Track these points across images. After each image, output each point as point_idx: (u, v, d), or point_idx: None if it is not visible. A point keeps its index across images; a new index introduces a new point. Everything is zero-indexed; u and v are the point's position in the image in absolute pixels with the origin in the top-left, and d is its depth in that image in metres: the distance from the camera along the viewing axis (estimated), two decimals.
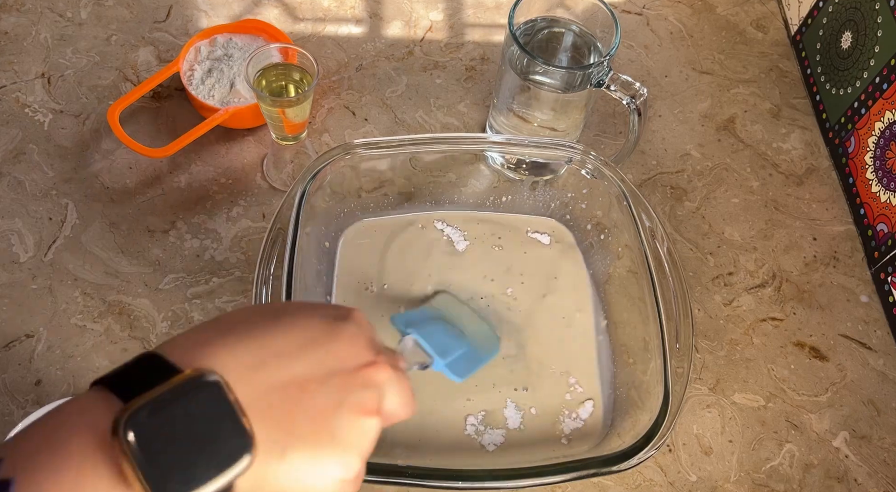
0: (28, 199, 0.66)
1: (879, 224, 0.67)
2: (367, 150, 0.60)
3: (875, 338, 0.65)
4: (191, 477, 0.29)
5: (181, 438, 0.29)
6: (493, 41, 0.80)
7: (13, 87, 0.72)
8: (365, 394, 0.35)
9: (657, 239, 0.58)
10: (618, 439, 0.54)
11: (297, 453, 0.32)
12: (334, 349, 0.35)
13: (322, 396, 0.33)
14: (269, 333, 0.34)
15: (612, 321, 0.62)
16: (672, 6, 0.84)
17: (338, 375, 0.34)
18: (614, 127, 0.75)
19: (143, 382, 0.30)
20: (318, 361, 0.34)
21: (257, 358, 0.32)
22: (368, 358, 0.36)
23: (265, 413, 0.31)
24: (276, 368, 0.32)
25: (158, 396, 0.29)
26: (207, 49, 0.71)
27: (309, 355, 0.34)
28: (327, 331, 0.35)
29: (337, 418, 0.33)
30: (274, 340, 0.33)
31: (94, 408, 0.29)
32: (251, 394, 0.31)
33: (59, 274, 0.63)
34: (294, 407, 0.32)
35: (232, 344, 0.32)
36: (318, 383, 0.33)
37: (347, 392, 0.34)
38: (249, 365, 0.32)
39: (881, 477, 0.59)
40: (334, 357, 0.34)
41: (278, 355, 0.33)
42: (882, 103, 0.67)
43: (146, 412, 0.28)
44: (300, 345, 0.34)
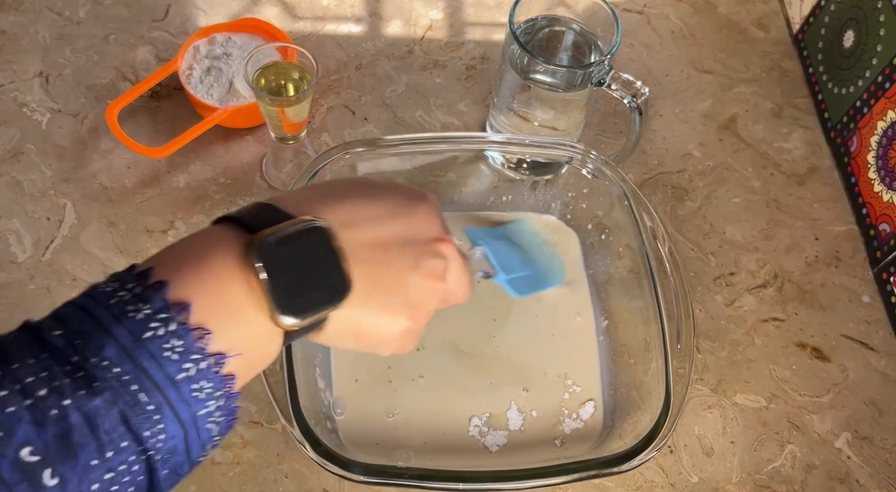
0: (26, 198, 0.66)
1: (882, 224, 0.67)
2: (367, 149, 0.60)
3: (877, 338, 0.65)
4: (303, 303, 0.34)
5: (298, 269, 0.34)
6: (493, 40, 0.80)
7: (11, 87, 0.71)
8: (434, 262, 0.40)
9: (658, 239, 0.58)
10: (619, 440, 0.54)
11: (377, 301, 0.38)
12: (413, 221, 0.40)
13: (400, 258, 0.39)
14: (362, 200, 0.39)
15: (613, 322, 0.61)
16: (673, 5, 0.84)
17: (414, 243, 0.40)
18: (615, 126, 0.75)
19: (264, 222, 0.35)
20: (399, 229, 0.39)
21: (351, 218, 0.38)
22: (440, 233, 0.41)
23: (358, 264, 0.37)
24: (365, 229, 0.38)
25: (281, 230, 0.34)
26: (206, 48, 0.71)
27: (392, 223, 0.39)
28: (408, 205, 0.41)
29: (410, 277, 0.39)
30: (365, 207, 0.39)
31: (227, 235, 0.34)
32: (346, 245, 0.36)
33: (58, 274, 0.62)
34: (378, 264, 0.38)
35: (332, 204, 0.38)
36: (398, 247, 0.39)
37: (420, 258, 0.40)
38: (345, 223, 0.37)
39: (883, 478, 0.59)
40: (412, 228, 0.40)
41: (368, 219, 0.38)
42: (884, 102, 0.66)
43: (272, 242, 0.34)
44: (385, 213, 0.39)
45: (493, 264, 0.55)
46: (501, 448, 0.57)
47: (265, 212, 0.36)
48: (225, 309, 0.33)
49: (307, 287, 0.35)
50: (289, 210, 0.36)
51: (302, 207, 0.37)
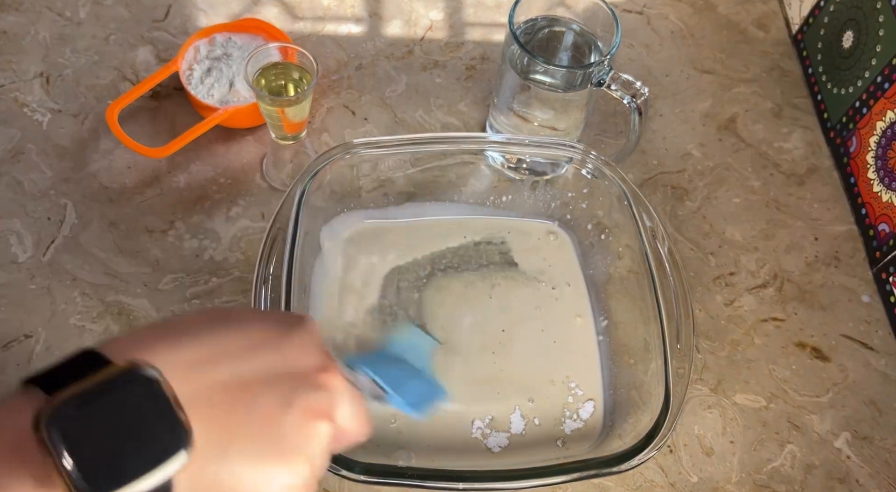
0: (26, 199, 0.66)
1: (881, 224, 0.67)
2: (367, 149, 0.60)
3: (877, 338, 0.65)
4: (121, 472, 0.27)
5: (111, 432, 0.27)
6: (493, 40, 0.80)
7: (12, 87, 0.71)
8: (316, 395, 0.33)
9: (658, 239, 0.58)
10: (619, 439, 0.54)
11: (239, 455, 0.30)
12: (283, 352, 0.33)
13: (268, 396, 0.32)
14: (216, 334, 0.32)
15: (613, 322, 0.61)
16: (673, 5, 0.84)
17: (286, 376, 0.33)
18: (615, 126, 0.75)
19: (73, 377, 0.28)
20: (264, 363, 0.33)
21: (200, 356, 0.31)
22: (320, 362, 0.34)
23: (205, 411, 0.30)
24: (220, 366, 0.31)
25: (87, 388, 0.27)
26: (206, 48, 0.71)
27: (256, 356, 0.33)
28: (277, 334, 0.34)
29: (283, 419, 0.32)
30: (220, 341, 0.32)
31: (18, 406, 0.28)
32: (191, 391, 0.30)
33: (58, 274, 0.62)
34: (237, 407, 0.31)
35: (174, 341, 0.31)
36: (264, 384, 0.32)
37: (296, 393, 0.32)
38: (191, 362, 0.31)
39: (883, 478, 0.59)
40: (283, 359, 0.33)
41: (223, 355, 0.32)
42: (884, 103, 0.67)
43: (72, 405, 0.27)
44: (247, 346, 0.33)
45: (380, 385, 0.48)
46: (502, 449, 0.57)
47: (79, 365, 0.29)
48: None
49: (126, 451, 0.27)
50: (111, 357, 0.29)
51: (132, 350, 0.30)
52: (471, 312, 0.61)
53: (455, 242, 0.65)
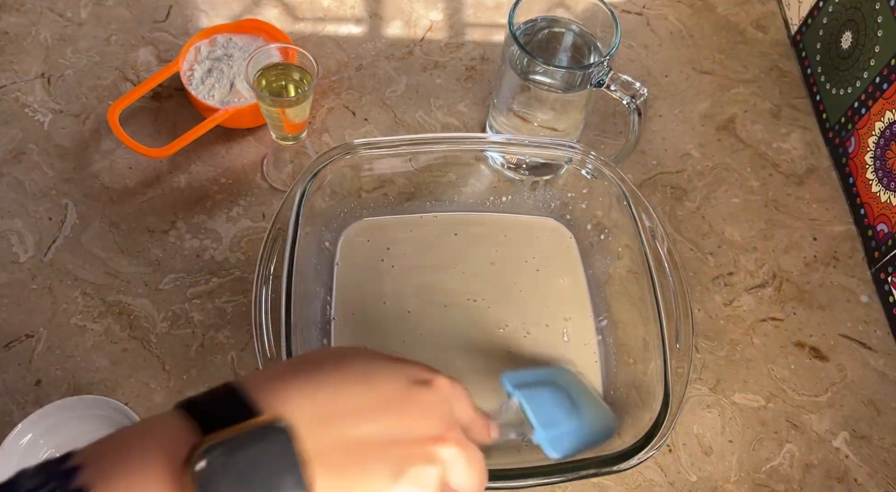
0: (28, 199, 0.66)
1: (880, 224, 0.67)
2: (367, 150, 0.60)
3: (875, 338, 0.65)
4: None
5: (245, 478, 0.30)
6: (493, 41, 0.80)
7: (13, 87, 0.72)
8: (425, 469, 0.34)
9: (657, 239, 0.58)
10: (618, 438, 0.54)
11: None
12: (408, 415, 0.35)
13: (383, 461, 0.33)
14: (346, 387, 0.34)
15: (613, 321, 0.62)
16: (672, 6, 0.84)
17: (403, 444, 0.34)
18: (615, 127, 0.75)
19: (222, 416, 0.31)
20: (387, 426, 0.34)
21: (330, 411, 0.33)
22: (438, 432, 0.36)
23: (326, 468, 0.32)
24: (345, 425, 0.33)
25: (233, 436, 0.30)
26: (207, 49, 0.71)
27: (380, 418, 0.34)
28: (404, 396, 0.35)
29: (393, 485, 0.33)
30: (350, 396, 0.34)
31: (174, 433, 0.31)
32: (317, 447, 0.32)
33: (59, 274, 0.63)
34: (355, 467, 0.33)
35: (309, 392, 0.33)
36: (383, 450, 0.34)
37: (406, 463, 0.34)
38: (321, 417, 0.33)
39: (881, 477, 0.59)
40: (405, 425, 0.35)
41: (351, 413, 0.33)
42: (882, 103, 0.67)
43: (219, 450, 0.30)
44: (374, 406, 0.34)
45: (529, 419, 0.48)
46: (501, 448, 0.57)
47: (227, 402, 0.32)
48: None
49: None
50: (256, 398, 0.32)
51: (272, 396, 0.32)
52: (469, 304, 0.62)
53: (455, 241, 0.65)
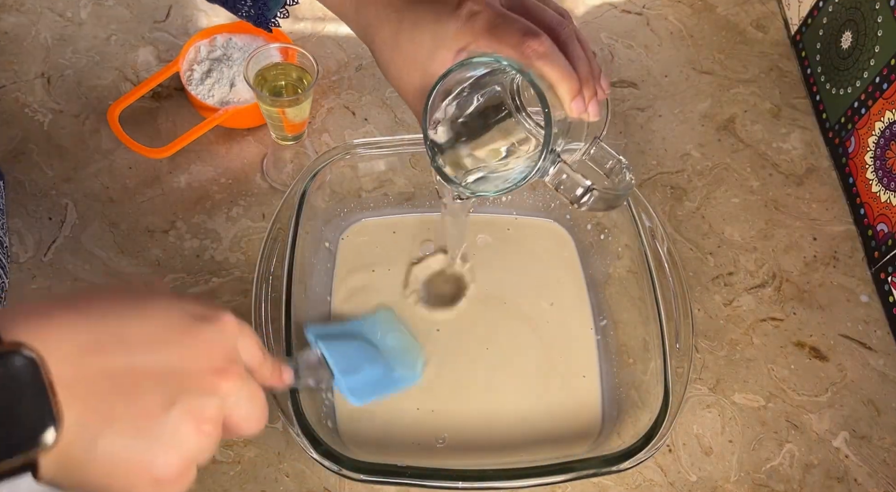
0: (28, 198, 0.66)
1: (879, 224, 0.67)
2: (367, 150, 0.60)
3: (875, 338, 0.65)
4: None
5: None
6: None
7: (13, 87, 0.72)
8: (203, 400, 0.33)
9: (657, 239, 0.58)
10: (618, 438, 0.54)
11: (111, 444, 0.31)
12: (185, 349, 0.34)
13: (154, 392, 0.32)
14: (121, 318, 0.33)
15: (612, 321, 0.62)
16: (672, 6, 0.84)
17: (179, 375, 0.33)
18: (614, 127, 0.75)
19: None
20: (161, 357, 0.33)
21: (97, 340, 0.32)
22: (219, 365, 0.35)
23: (85, 397, 0.30)
24: (113, 354, 0.32)
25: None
26: (207, 49, 0.71)
27: (154, 349, 0.33)
28: (184, 329, 0.34)
29: (164, 416, 0.32)
30: (122, 326, 0.32)
31: None
32: (76, 375, 0.30)
33: (59, 274, 0.63)
34: (120, 397, 0.31)
35: (74, 321, 0.32)
36: (155, 380, 0.32)
37: (183, 394, 0.33)
38: (84, 346, 0.31)
39: (881, 477, 0.59)
40: (181, 357, 0.33)
41: (121, 343, 0.32)
42: (882, 103, 0.67)
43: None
44: (149, 337, 0.33)
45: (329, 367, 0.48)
46: (500, 448, 0.57)
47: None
48: None
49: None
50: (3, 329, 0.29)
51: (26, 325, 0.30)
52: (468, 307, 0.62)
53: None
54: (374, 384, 0.52)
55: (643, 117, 0.76)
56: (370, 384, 0.52)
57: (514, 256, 0.65)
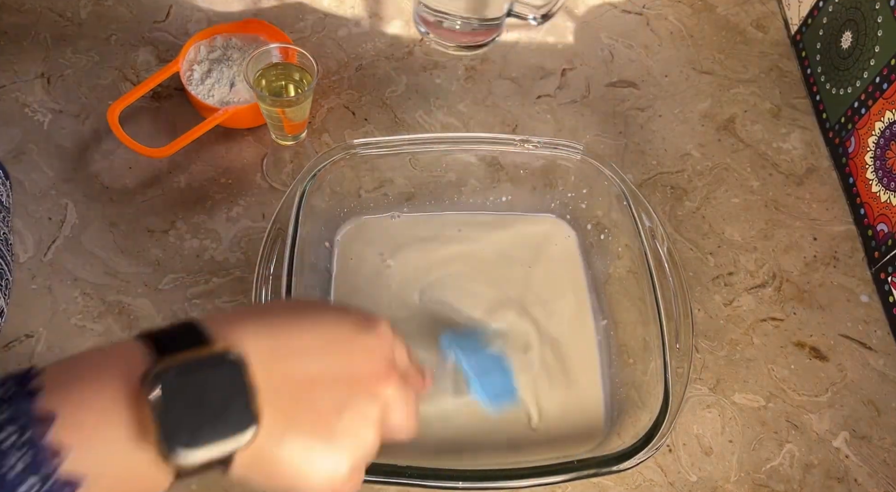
0: (28, 199, 0.66)
1: (879, 224, 0.67)
2: (367, 150, 0.60)
3: (875, 338, 0.65)
4: (196, 437, 0.31)
5: (197, 402, 0.31)
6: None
7: (13, 87, 0.72)
8: (368, 404, 0.37)
9: (657, 239, 0.58)
10: (618, 438, 0.54)
11: (294, 443, 0.34)
12: (350, 356, 0.37)
13: (328, 397, 0.36)
14: (297, 328, 0.36)
15: (612, 321, 0.62)
16: (672, 6, 0.84)
17: (347, 381, 0.36)
18: (614, 127, 0.75)
19: (180, 344, 0.33)
20: (332, 364, 0.36)
21: (282, 348, 0.35)
22: (381, 372, 0.38)
23: (274, 401, 0.34)
24: (293, 362, 0.35)
25: (189, 360, 0.32)
26: (207, 49, 0.71)
27: (326, 357, 0.36)
28: (348, 337, 0.38)
29: (337, 419, 0.35)
30: (299, 336, 0.36)
31: (132, 355, 0.32)
32: (266, 380, 0.33)
33: (59, 274, 0.62)
34: (301, 401, 0.35)
35: (264, 330, 0.35)
36: (327, 385, 0.36)
37: (351, 399, 0.36)
38: (271, 353, 0.35)
39: (881, 477, 0.59)
40: (348, 364, 0.37)
41: (299, 351, 0.36)
42: (882, 103, 0.67)
43: (174, 372, 0.31)
44: (322, 345, 0.37)
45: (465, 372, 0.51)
46: (500, 447, 0.57)
47: (185, 333, 0.33)
48: (93, 429, 0.30)
49: (205, 421, 0.31)
50: (212, 333, 0.33)
51: (228, 329, 0.34)
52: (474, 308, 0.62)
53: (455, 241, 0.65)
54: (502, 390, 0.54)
55: (643, 117, 0.76)
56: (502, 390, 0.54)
57: (514, 256, 0.65)
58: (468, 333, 0.58)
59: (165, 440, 0.30)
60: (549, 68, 0.78)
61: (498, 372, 0.54)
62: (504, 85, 0.77)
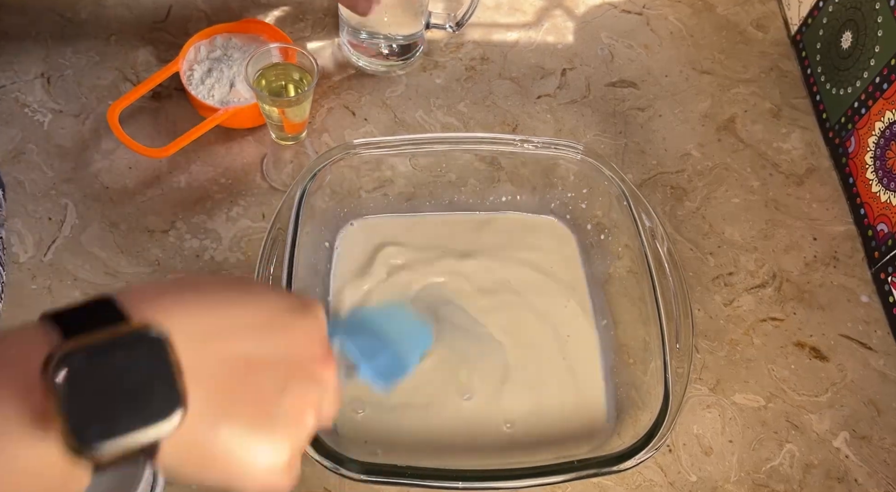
0: (27, 199, 0.66)
1: (880, 224, 0.67)
2: (367, 150, 0.60)
3: (875, 338, 0.65)
4: (113, 427, 0.28)
5: (112, 386, 0.28)
6: (493, 41, 0.80)
7: (13, 87, 0.72)
8: (308, 387, 0.35)
9: (657, 239, 0.58)
10: (618, 439, 0.54)
11: (229, 428, 0.31)
12: (289, 337, 0.35)
13: (267, 378, 0.33)
14: (232, 306, 0.34)
15: (613, 321, 0.62)
16: (672, 6, 0.84)
17: (287, 362, 0.34)
18: (614, 127, 0.75)
19: (91, 324, 0.29)
20: (270, 345, 0.34)
21: (213, 327, 0.32)
22: (321, 353, 0.36)
23: (205, 382, 0.31)
24: (229, 341, 0.32)
25: (99, 340, 0.28)
26: (207, 49, 0.71)
27: (263, 337, 0.34)
28: (286, 318, 0.35)
29: (277, 403, 0.33)
30: (234, 315, 0.33)
31: (33, 340, 0.29)
32: (196, 359, 0.30)
33: (59, 274, 0.62)
34: (236, 383, 0.32)
35: (192, 307, 0.32)
36: (266, 366, 0.33)
37: (293, 381, 0.34)
38: (203, 331, 0.32)
39: (881, 477, 0.59)
40: (287, 344, 0.35)
41: (234, 329, 0.33)
42: (882, 103, 0.67)
43: (83, 354, 0.27)
44: (258, 324, 0.34)
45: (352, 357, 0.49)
46: (500, 447, 0.57)
47: (98, 311, 0.30)
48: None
49: (121, 408, 0.28)
50: (130, 310, 0.30)
51: (150, 307, 0.30)
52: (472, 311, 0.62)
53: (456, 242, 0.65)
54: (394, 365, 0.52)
55: (643, 117, 0.76)
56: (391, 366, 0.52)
57: (515, 256, 0.65)
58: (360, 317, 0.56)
59: (75, 432, 0.27)
60: (549, 68, 0.78)
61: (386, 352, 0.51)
62: (504, 85, 0.77)
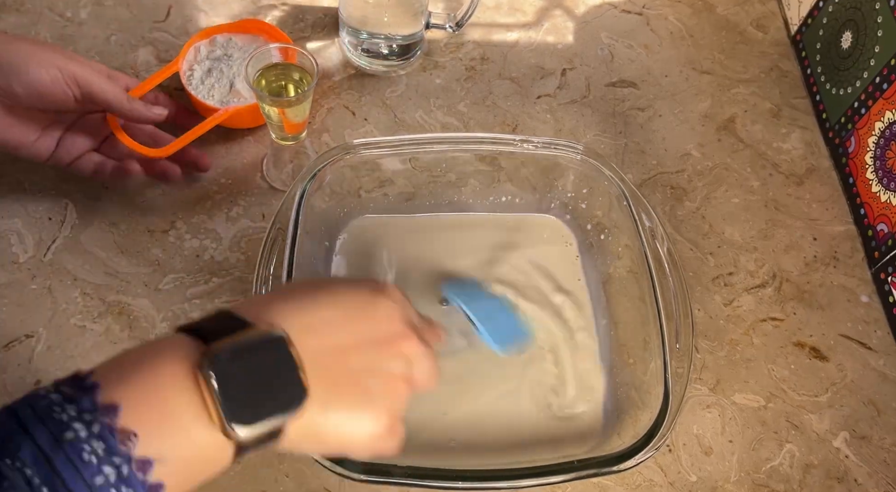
0: (27, 198, 0.66)
1: (879, 224, 0.67)
2: (367, 150, 0.60)
3: (875, 338, 0.65)
4: (256, 413, 0.34)
5: (252, 379, 0.34)
6: (492, 41, 0.80)
7: None
8: (394, 362, 0.40)
9: (657, 239, 0.58)
10: (618, 439, 0.54)
11: (336, 408, 0.38)
12: (372, 322, 0.41)
13: (358, 361, 0.39)
14: (318, 303, 0.39)
15: (612, 321, 0.62)
16: (672, 6, 0.84)
17: (372, 344, 0.40)
18: (614, 127, 0.75)
19: (223, 331, 0.35)
20: (357, 332, 0.40)
21: (309, 324, 0.38)
22: (400, 331, 0.41)
23: (314, 372, 0.36)
24: (323, 334, 0.38)
25: (238, 342, 0.34)
26: (207, 49, 0.71)
27: (351, 326, 0.40)
28: (366, 305, 0.41)
29: (370, 381, 0.39)
30: (322, 311, 0.39)
31: (182, 346, 0.34)
32: (305, 352, 0.36)
33: (59, 274, 0.62)
34: (337, 369, 0.38)
35: (290, 310, 0.38)
36: (356, 350, 0.39)
37: (379, 361, 0.40)
38: (302, 329, 0.37)
39: (881, 477, 0.59)
40: (370, 328, 0.40)
41: (326, 324, 0.39)
42: (882, 103, 0.67)
43: (227, 354, 0.34)
44: (343, 316, 0.40)
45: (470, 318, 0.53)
46: (500, 448, 0.57)
47: (224, 321, 0.36)
48: (160, 414, 0.32)
49: (261, 397, 0.34)
50: (248, 318, 0.36)
51: (261, 315, 0.37)
52: None
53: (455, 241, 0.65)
54: (510, 331, 0.56)
55: (643, 117, 0.76)
56: (507, 331, 0.56)
57: (514, 256, 0.65)
58: (466, 282, 0.60)
59: (229, 419, 0.33)
60: (549, 68, 0.78)
61: (502, 314, 0.56)
62: (504, 85, 0.77)
